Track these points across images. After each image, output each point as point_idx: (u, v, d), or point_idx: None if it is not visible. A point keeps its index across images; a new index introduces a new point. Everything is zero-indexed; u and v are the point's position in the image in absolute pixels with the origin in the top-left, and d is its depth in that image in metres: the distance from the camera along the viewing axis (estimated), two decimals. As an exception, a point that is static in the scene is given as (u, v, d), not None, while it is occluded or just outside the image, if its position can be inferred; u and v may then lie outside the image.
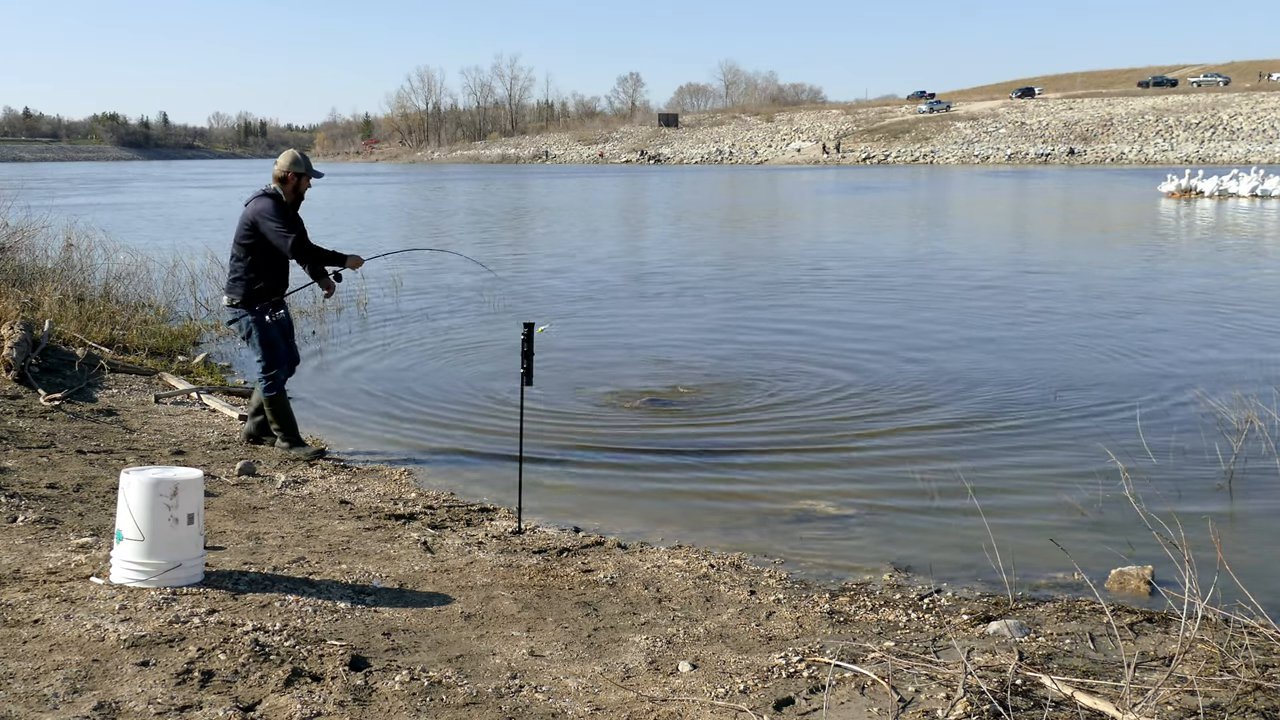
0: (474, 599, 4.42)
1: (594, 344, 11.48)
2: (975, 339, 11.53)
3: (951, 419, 8.08)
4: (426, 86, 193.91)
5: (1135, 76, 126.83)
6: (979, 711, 3.27)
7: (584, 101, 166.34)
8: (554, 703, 3.47)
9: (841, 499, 6.26)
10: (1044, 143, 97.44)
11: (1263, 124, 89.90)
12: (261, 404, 6.94)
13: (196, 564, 4.28)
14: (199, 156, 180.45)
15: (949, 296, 14.90)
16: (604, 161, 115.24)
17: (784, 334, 12.01)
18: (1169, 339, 11.36)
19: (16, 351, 8.06)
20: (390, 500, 6.04)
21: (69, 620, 3.76)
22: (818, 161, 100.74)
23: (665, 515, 6.04)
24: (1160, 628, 4.22)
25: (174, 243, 19.10)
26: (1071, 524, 5.81)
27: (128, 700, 3.21)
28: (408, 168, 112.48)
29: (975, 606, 4.58)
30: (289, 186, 6.74)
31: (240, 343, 11.30)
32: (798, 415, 8.22)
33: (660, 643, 4.03)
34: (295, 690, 3.36)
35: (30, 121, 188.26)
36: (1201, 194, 39.06)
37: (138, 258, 13.78)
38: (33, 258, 12.49)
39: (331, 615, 4.08)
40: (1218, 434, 7.16)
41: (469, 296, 15.14)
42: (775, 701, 3.49)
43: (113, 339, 9.92)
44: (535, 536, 5.48)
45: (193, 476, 4.24)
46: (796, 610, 4.46)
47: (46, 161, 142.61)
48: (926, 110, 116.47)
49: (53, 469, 5.97)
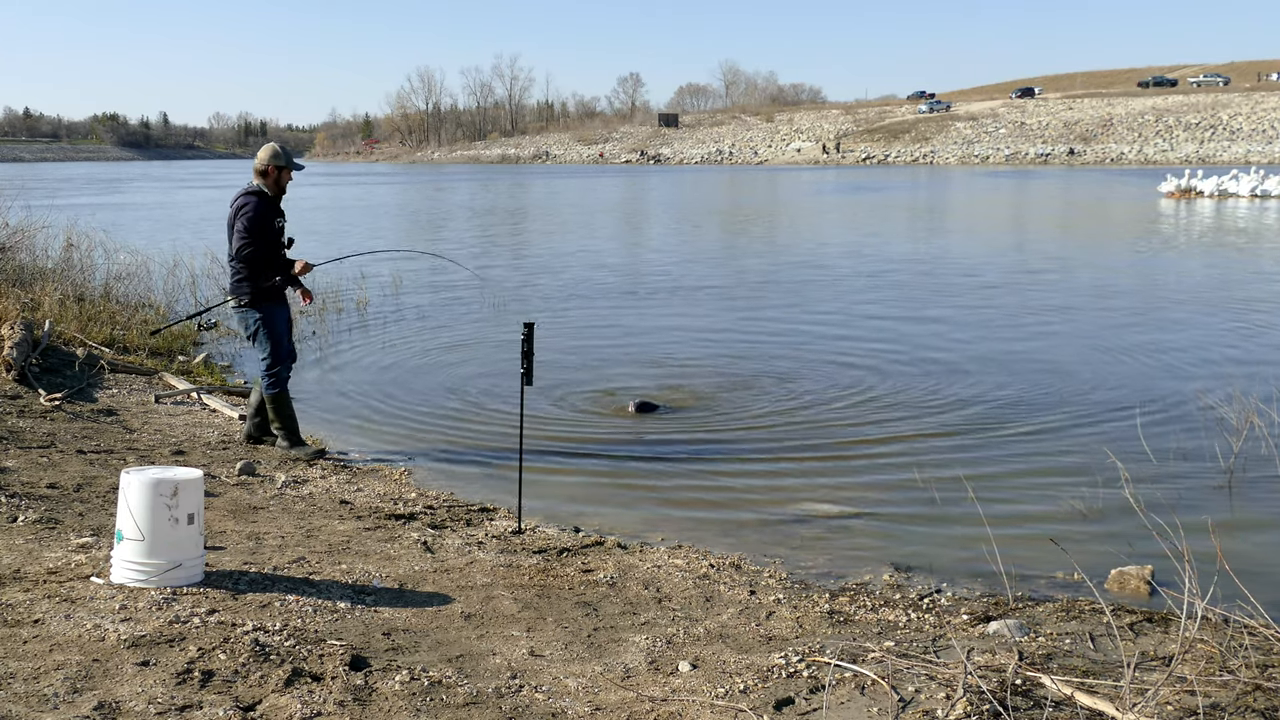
0: (474, 599, 4.42)
1: (594, 344, 11.48)
2: (975, 339, 11.53)
3: (951, 419, 8.08)
4: (426, 86, 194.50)
5: (1135, 76, 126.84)
6: (979, 711, 3.27)
7: (584, 101, 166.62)
8: (554, 703, 3.47)
9: (841, 499, 6.26)
10: (1044, 143, 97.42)
11: (1263, 124, 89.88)
12: (260, 404, 6.95)
13: (197, 564, 4.28)
14: (199, 156, 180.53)
15: (948, 297, 14.89)
16: (604, 162, 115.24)
17: (784, 334, 12.01)
18: (1169, 339, 11.36)
19: (17, 351, 8.06)
20: (390, 500, 6.04)
21: (69, 620, 3.76)
22: (818, 162, 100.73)
23: (665, 515, 6.04)
24: (1160, 628, 4.22)
25: (174, 242, 19.10)
26: (1071, 524, 5.81)
27: (128, 700, 3.21)
28: (408, 168, 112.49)
29: (975, 606, 4.58)
30: (270, 180, 6.75)
31: (242, 342, 11.37)
32: (798, 415, 8.22)
33: (660, 643, 4.03)
34: (295, 690, 3.36)
35: (30, 121, 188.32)
36: (1201, 194, 39.05)
37: (138, 258, 13.78)
38: (33, 258, 12.49)
39: (331, 615, 4.08)
40: (1218, 434, 7.16)
41: (469, 296, 15.14)
42: (775, 701, 3.49)
43: (113, 339, 9.92)
44: (535, 536, 5.48)
45: (193, 476, 4.24)
46: (796, 610, 4.47)
47: (47, 161, 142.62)
48: (926, 110, 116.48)
49: (53, 469, 5.98)
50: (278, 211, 6.82)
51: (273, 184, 6.77)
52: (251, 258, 6.62)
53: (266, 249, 6.68)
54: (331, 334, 12.13)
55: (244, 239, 6.59)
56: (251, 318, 6.77)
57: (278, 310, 6.83)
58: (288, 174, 6.82)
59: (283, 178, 6.80)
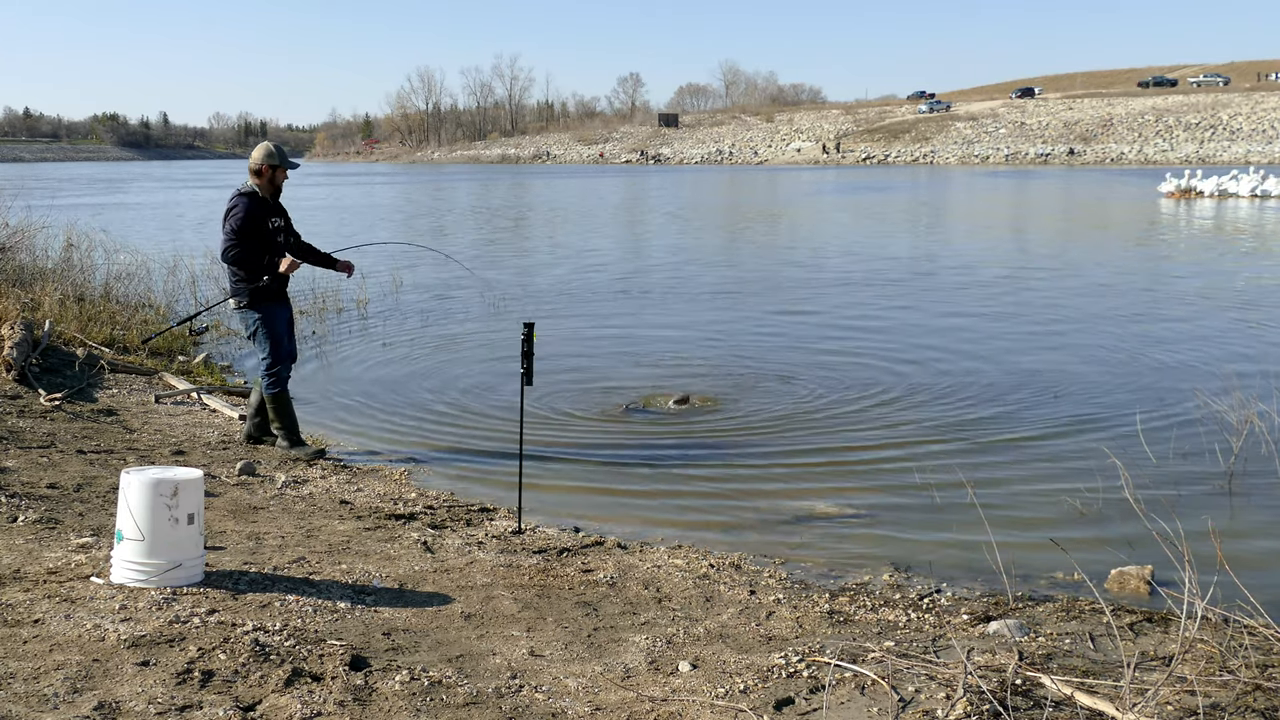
0: (474, 599, 4.42)
1: (594, 344, 11.48)
2: (974, 339, 11.52)
3: (951, 419, 8.08)
4: (426, 86, 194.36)
5: (1135, 76, 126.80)
6: (979, 711, 3.27)
7: (584, 102, 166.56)
8: (554, 703, 3.47)
9: (841, 499, 6.26)
10: (1044, 143, 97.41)
11: (1263, 124, 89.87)
12: (261, 404, 6.95)
13: (197, 564, 4.28)
14: (199, 156, 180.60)
15: (948, 297, 14.89)
16: (604, 162, 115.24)
17: (784, 334, 12.01)
18: (1169, 339, 11.36)
19: (17, 351, 8.06)
20: (390, 500, 6.04)
21: (69, 620, 3.76)
22: (818, 161, 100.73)
23: (665, 515, 6.04)
24: (1160, 628, 4.22)
25: (174, 243, 19.10)
26: (1071, 524, 5.81)
27: (128, 700, 3.21)
28: (408, 168, 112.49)
29: (975, 606, 4.58)
30: (264, 179, 6.75)
31: (241, 341, 11.37)
32: (797, 415, 8.22)
33: (660, 643, 4.03)
34: (295, 690, 3.36)
35: (30, 121, 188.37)
36: (1201, 194, 39.04)
37: (138, 258, 13.79)
38: (33, 258, 12.48)
39: (331, 615, 4.08)
40: (1218, 434, 7.16)
41: (469, 296, 15.14)
42: (775, 701, 3.49)
43: (113, 339, 9.92)
44: (535, 536, 5.48)
45: (193, 476, 4.24)
46: (796, 610, 4.46)
47: (47, 161, 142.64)
48: (926, 110, 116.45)
49: (53, 469, 5.98)
50: (273, 211, 6.81)
51: (267, 183, 6.76)
52: (236, 259, 6.61)
53: (256, 250, 6.66)
54: (331, 334, 12.14)
55: (230, 240, 6.59)
56: (250, 318, 6.78)
57: (277, 310, 6.83)
58: (282, 172, 6.81)
59: (277, 176, 6.79)
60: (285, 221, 6.96)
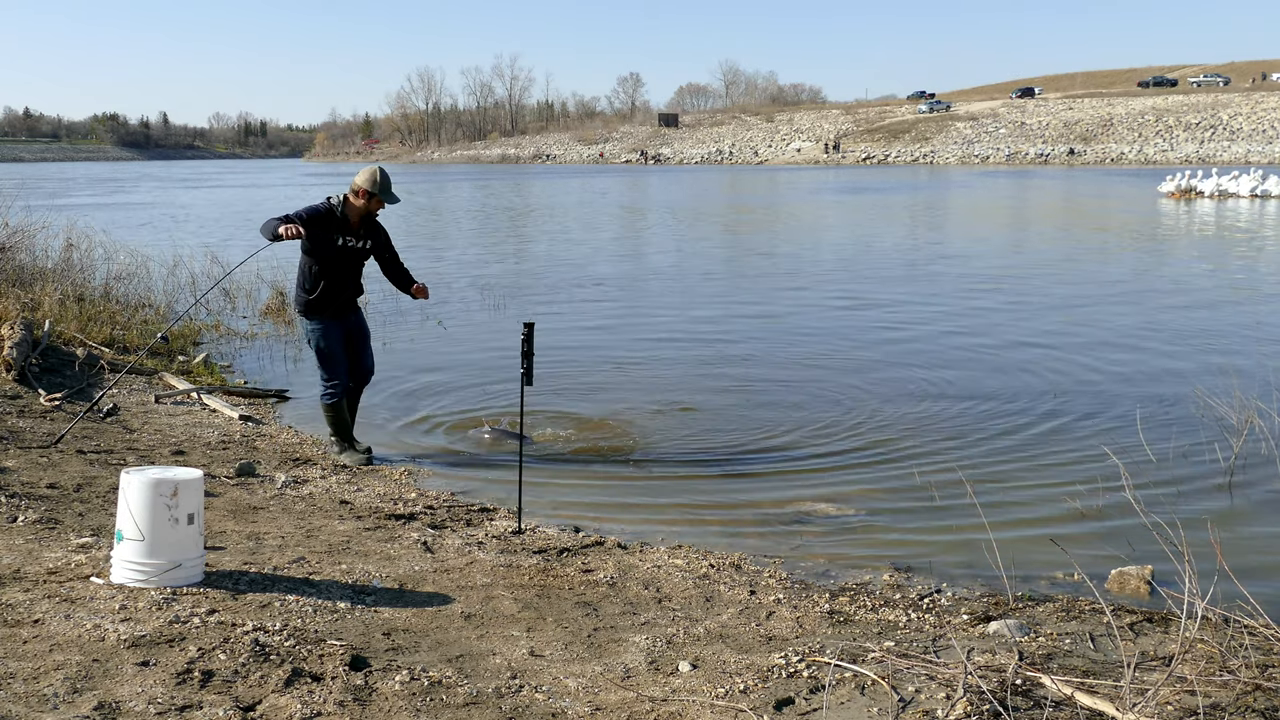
0: (474, 599, 4.42)
1: (594, 343, 11.48)
2: (974, 339, 11.52)
3: (951, 419, 8.08)
4: (426, 86, 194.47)
5: (1135, 76, 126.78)
6: (979, 711, 3.27)
7: (584, 102, 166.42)
8: (554, 703, 3.47)
9: (841, 499, 6.26)
10: (1044, 143, 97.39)
11: (1263, 124, 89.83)
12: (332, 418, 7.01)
13: (196, 564, 4.28)
14: (199, 156, 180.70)
15: (947, 297, 14.89)
16: (604, 162, 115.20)
17: (784, 334, 12.01)
18: (1169, 339, 11.36)
19: (17, 351, 8.06)
20: (390, 500, 6.04)
21: (69, 620, 3.76)
22: (818, 161, 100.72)
23: (665, 515, 6.04)
24: (1160, 628, 4.22)
25: (174, 242, 19.10)
26: (1071, 524, 5.81)
27: (128, 700, 3.21)
28: (408, 168, 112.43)
29: (975, 606, 4.58)
30: (358, 201, 6.68)
31: (242, 341, 11.37)
32: (797, 415, 8.21)
33: (660, 643, 4.03)
34: (295, 690, 3.36)
35: (30, 121, 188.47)
36: (1201, 194, 39.04)
37: (138, 258, 13.78)
38: (33, 258, 12.47)
39: (331, 615, 4.08)
40: (1218, 434, 7.16)
41: (469, 296, 15.14)
42: (775, 701, 3.49)
43: (113, 339, 9.92)
44: (535, 536, 5.48)
45: (193, 476, 4.24)
46: (796, 610, 4.46)
47: (47, 161, 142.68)
48: (926, 110, 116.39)
49: (53, 469, 5.97)
50: (344, 230, 6.70)
51: (359, 206, 6.69)
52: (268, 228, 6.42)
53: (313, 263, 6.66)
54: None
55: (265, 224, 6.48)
56: (304, 326, 6.92)
57: (329, 325, 6.80)
58: (378, 202, 6.71)
59: (372, 204, 6.72)
60: (372, 242, 6.86)
